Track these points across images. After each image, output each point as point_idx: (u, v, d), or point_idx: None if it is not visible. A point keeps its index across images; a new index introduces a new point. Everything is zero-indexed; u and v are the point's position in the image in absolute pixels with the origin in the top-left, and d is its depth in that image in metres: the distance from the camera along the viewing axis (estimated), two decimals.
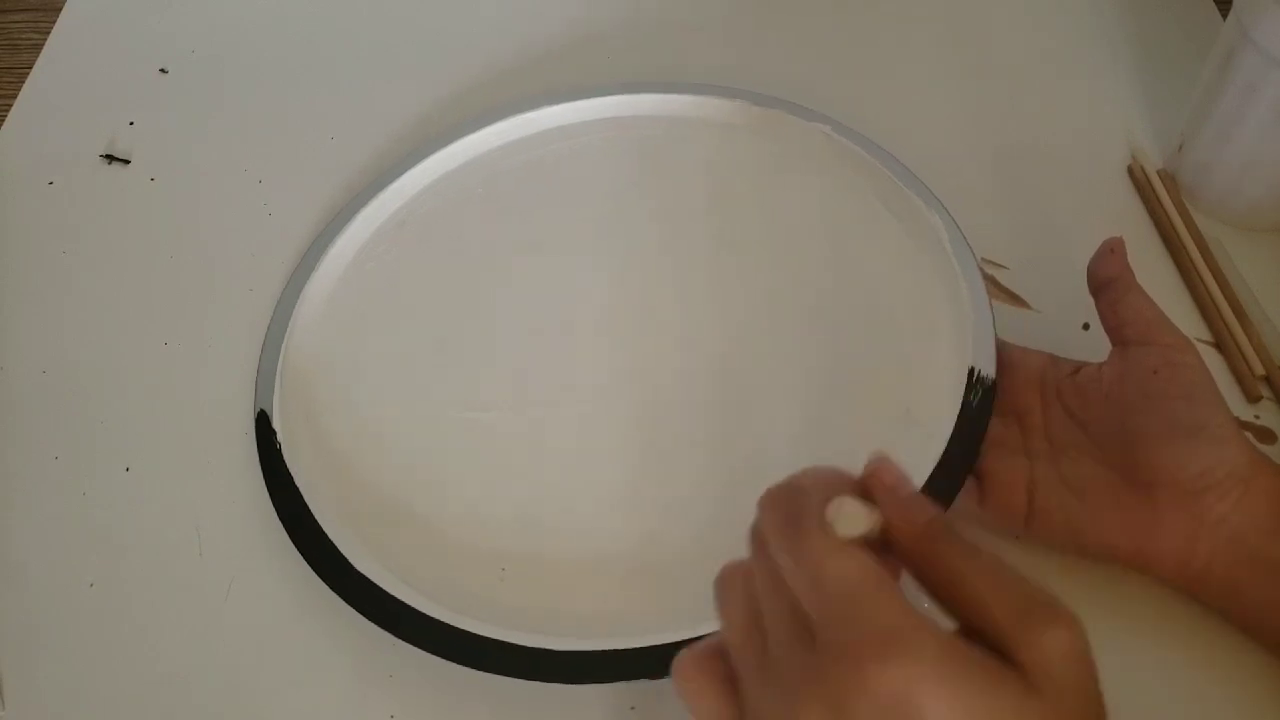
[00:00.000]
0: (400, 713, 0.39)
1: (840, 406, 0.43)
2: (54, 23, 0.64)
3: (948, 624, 0.25)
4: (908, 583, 0.26)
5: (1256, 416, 0.44)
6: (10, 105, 0.60)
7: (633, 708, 0.38)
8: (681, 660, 0.28)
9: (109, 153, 0.57)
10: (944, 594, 0.26)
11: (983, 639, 0.24)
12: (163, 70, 0.61)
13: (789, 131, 0.51)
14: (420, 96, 0.58)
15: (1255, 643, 0.37)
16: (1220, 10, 0.58)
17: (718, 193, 0.51)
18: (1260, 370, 0.44)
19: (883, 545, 0.26)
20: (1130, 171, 0.52)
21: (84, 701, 0.40)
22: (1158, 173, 0.51)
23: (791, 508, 0.26)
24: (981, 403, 0.40)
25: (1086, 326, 0.46)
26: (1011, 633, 0.24)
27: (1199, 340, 0.46)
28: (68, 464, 0.47)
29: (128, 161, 0.57)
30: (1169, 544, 0.36)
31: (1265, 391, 0.44)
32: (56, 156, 0.57)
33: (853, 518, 0.25)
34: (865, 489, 0.27)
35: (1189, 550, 0.35)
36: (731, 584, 0.28)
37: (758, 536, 0.28)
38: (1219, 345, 0.46)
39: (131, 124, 0.59)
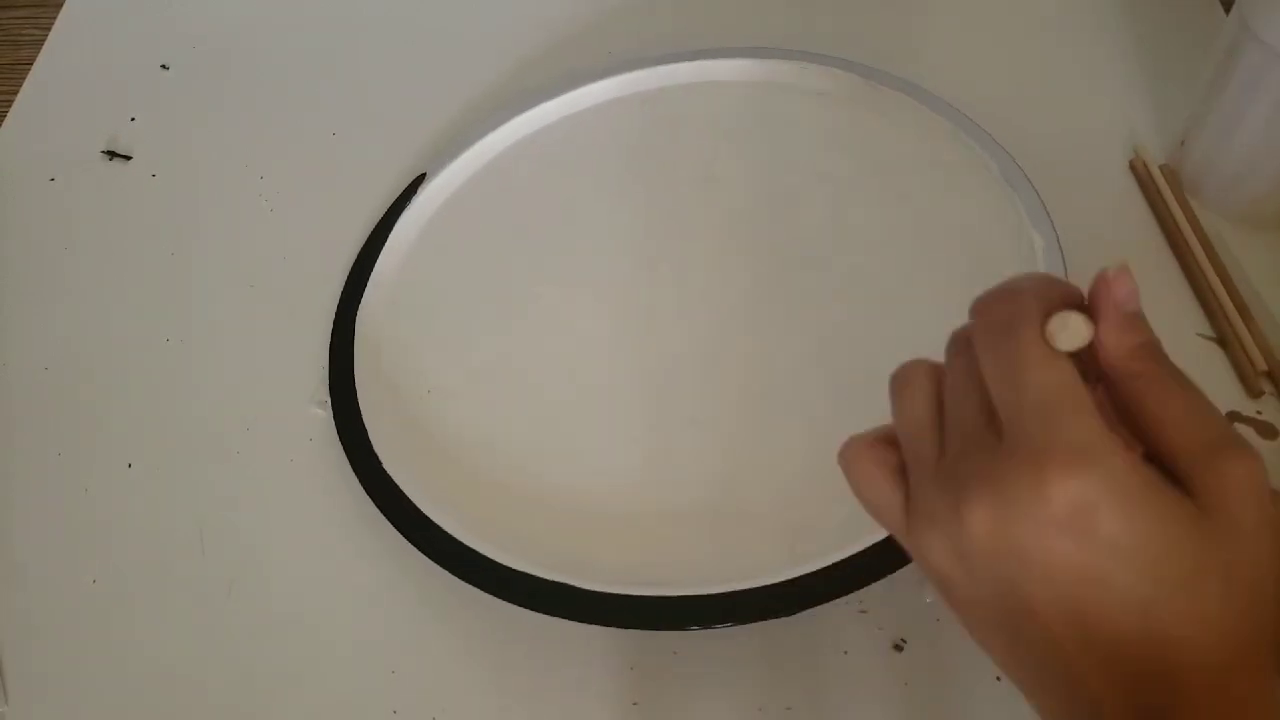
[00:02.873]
0: (402, 709, 0.39)
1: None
2: (55, 19, 0.64)
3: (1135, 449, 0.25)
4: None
5: (1259, 412, 0.44)
6: (11, 102, 0.60)
7: (635, 703, 0.39)
8: (852, 446, 0.28)
9: (110, 149, 0.57)
10: (1137, 416, 0.26)
11: (1166, 467, 0.25)
12: (164, 66, 0.61)
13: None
14: (421, 92, 0.58)
15: None
16: (1223, 5, 0.58)
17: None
18: (1262, 366, 0.44)
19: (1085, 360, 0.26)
20: (1132, 167, 0.52)
21: (86, 698, 0.41)
22: (1160, 168, 0.51)
23: (1009, 312, 0.26)
24: None
25: None
26: (1196, 462, 0.24)
27: (1201, 335, 0.46)
28: (69, 461, 0.47)
29: (129, 158, 0.57)
30: None
31: (1267, 387, 0.44)
32: (58, 153, 0.58)
33: (1075, 333, 0.25)
34: (1089, 297, 0.26)
35: None
36: (913, 378, 0.28)
37: (961, 338, 0.28)
38: (1221, 341, 0.46)
39: (133, 120, 0.59)
